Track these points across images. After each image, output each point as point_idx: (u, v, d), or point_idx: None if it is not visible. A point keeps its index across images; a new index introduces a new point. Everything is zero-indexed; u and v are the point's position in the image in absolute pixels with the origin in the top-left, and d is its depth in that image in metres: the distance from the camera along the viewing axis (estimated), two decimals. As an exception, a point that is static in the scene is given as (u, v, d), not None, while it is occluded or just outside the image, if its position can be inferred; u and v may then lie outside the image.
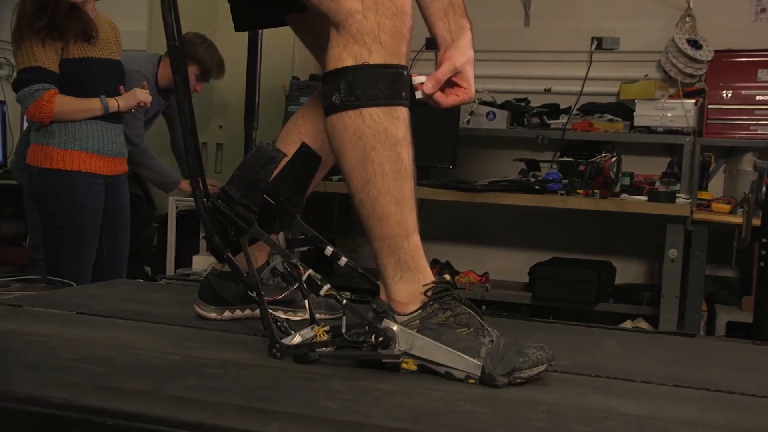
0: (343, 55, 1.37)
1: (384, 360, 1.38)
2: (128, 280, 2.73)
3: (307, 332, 1.47)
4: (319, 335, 1.44)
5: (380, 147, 1.36)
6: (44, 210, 3.03)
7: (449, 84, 1.60)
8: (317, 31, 1.74)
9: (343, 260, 1.53)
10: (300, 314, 1.76)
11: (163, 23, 1.43)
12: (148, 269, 4.50)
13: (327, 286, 1.42)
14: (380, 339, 1.36)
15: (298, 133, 1.79)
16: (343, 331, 1.41)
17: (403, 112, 1.39)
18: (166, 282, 2.46)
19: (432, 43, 1.70)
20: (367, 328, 1.39)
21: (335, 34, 1.39)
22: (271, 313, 1.46)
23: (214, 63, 3.97)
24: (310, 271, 1.43)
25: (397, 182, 1.38)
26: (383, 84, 1.37)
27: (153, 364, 1.37)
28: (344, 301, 1.41)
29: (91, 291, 2.15)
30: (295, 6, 1.58)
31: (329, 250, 1.51)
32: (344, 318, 1.42)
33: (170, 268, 4.12)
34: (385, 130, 1.36)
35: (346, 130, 1.37)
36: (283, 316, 1.66)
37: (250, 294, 1.50)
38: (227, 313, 1.76)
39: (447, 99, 1.60)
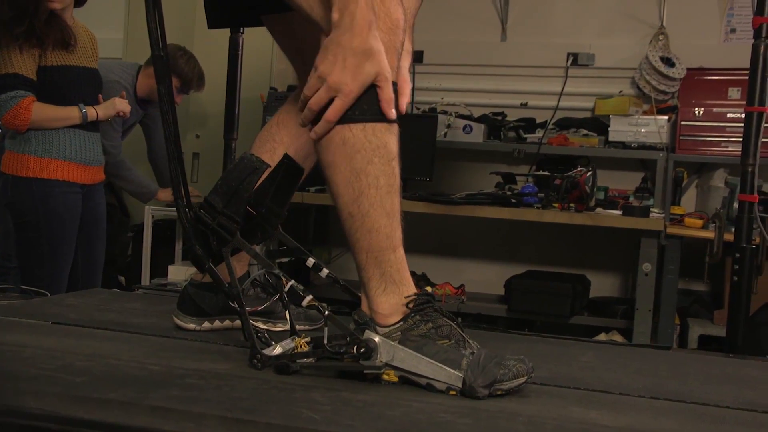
0: None
1: (365, 371, 1.38)
2: (104, 289, 2.71)
3: (288, 343, 1.48)
4: (300, 346, 1.45)
5: (378, 161, 1.36)
6: (20, 218, 2.99)
7: None
8: (297, 36, 1.74)
9: (325, 271, 1.53)
10: (280, 325, 1.76)
11: (148, 33, 1.42)
12: (122, 279, 4.46)
13: (309, 297, 1.42)
14: (362, 350, 1.36)
15: (272, 141, 1.78)
16: (325, 341, 1.41)
17: (397, 129, 1.40)
18: (142, 292, 2.44)
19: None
20: (348, 339, 1.39)
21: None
22: (251, 324, 1.46)
23: (195, 75, 3.96)
24: (293, 281, 1.43)
25: (389, 196, 1.38)
26: None
27: (132, 374, 1.36)
28: (326, 312, 1.41)
29: (67, 301, 2.13)
30: (273, 7, 1.58)
31: (311, 261, 1.51)
32: (326, 329, 1.42)
33: (145, 277, 4.09)
34: (384, 144, 1.37)
35: (344, 143, 1.36)
36: (263, 326, 1.66)
37: (232, 305, 1.50)
38: (206, 324, 1.75)
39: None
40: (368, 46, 1.31)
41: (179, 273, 3.92)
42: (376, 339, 1.37)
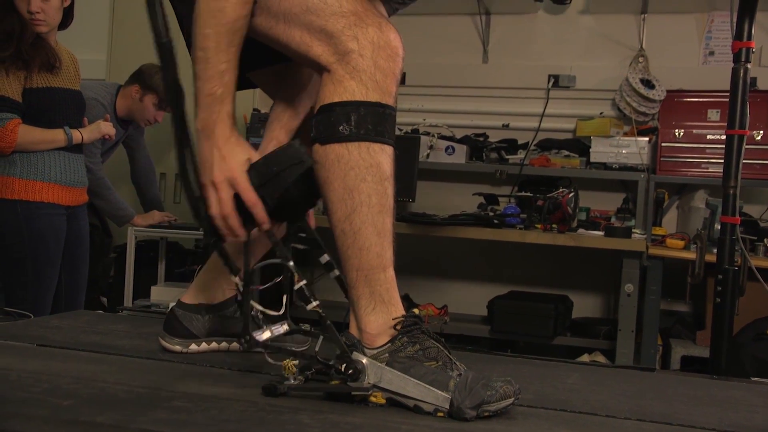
0: (339, 89, 1.40)
1: (353, 393, 1.39)
2: (88, 311, 2.68)
3: (278, 328, 1.46)
4: (288, 368, 1.44)
5: (371, 179, 1.40)
6: (4, 241, 2.96)
7: None
8: (289, 83, 1.76)
9: (336, 272, 1.51)
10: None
11: (150, 21, 1.38)
12: (104, 300, 4.43)
13: (315, 303, 1.41)
14: (350, 371, 1.37)
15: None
16: (316, 349, 1.42)
17: (392, 151, 1.44)
18: (127, 314, 2.43)
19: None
20: (338, 352, 1.39)
21: (327, 75, 1.42)
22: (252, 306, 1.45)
23: None
24: (304, 281, 1.42)
25: (381, 215, 1.41)
26: (387, 122, 1.41)
27: (120, 397, 1.35)
28: (327, 322, 1.41)
29: (51, 323, 2.12)
30: (261, 63, 1.61)
31: (325, 258, 1.49)
32: (321, 338, 1.43)
33: (128, 299, 4.07)
34: (378, 164, 1.40)
35: (339, 160, 1.39)
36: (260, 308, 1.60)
37: (234, 279, 1.47)
38: (193, 346, 1.75)
39: None
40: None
41: (162, 294, 3.90)
42: (364, 361, 1.38)
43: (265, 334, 1.44)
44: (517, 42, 4.78)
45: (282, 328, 1.45)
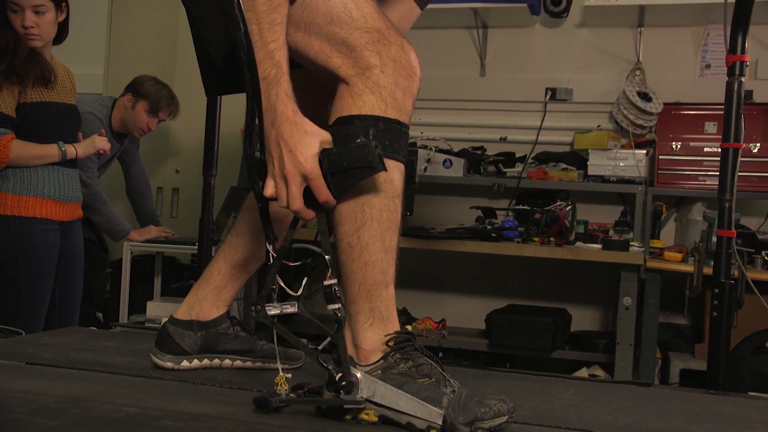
0: (358, 102, 1.39)
1: (345, 407, 1.37)
2: (80, 327, 2.67)
3: (287, 307, 1.43)
4: (281, 384, 1.43)
5: (383, 195, 1.40)
6: (-3, 257, 2.95)
7: None
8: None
9: None
10: (259, 363, 1.76)
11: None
12: (99, 315, 4.41)
13: (337, 306, 1.40)
14: (343, 383, 1.36)
15: None
16: (320, 348, 1.42)
17: (403, 168, 1.44)
18: (119, 330, 2.41)
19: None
20: (334, 359, 1.39)
21: (344, 87, 1.41)
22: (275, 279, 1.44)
23: (163, 96, 3.93)
24: (335, 281, 1.41)
25: (389, 232, 1.41)
26: (402, 140, 1.41)
27: (108, 416, 1.34)
28: (342, 329, 1.40)
29: (42, 340, 2.10)
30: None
31: None
32: (328, 338, 1.42)
33: (123, 314, 4.05)
34: (391, 179, 1.40)
35: None
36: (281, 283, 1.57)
37: (269, 251, 1.45)
38: (184, 363, 1.73)
39: None
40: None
41: (158, 309, 3.88)
42: (358, 375, 1.37)
43: (274, 310, 1.43)
44: (514, 55, 4.78)
45: (291, 308, 1.44)
